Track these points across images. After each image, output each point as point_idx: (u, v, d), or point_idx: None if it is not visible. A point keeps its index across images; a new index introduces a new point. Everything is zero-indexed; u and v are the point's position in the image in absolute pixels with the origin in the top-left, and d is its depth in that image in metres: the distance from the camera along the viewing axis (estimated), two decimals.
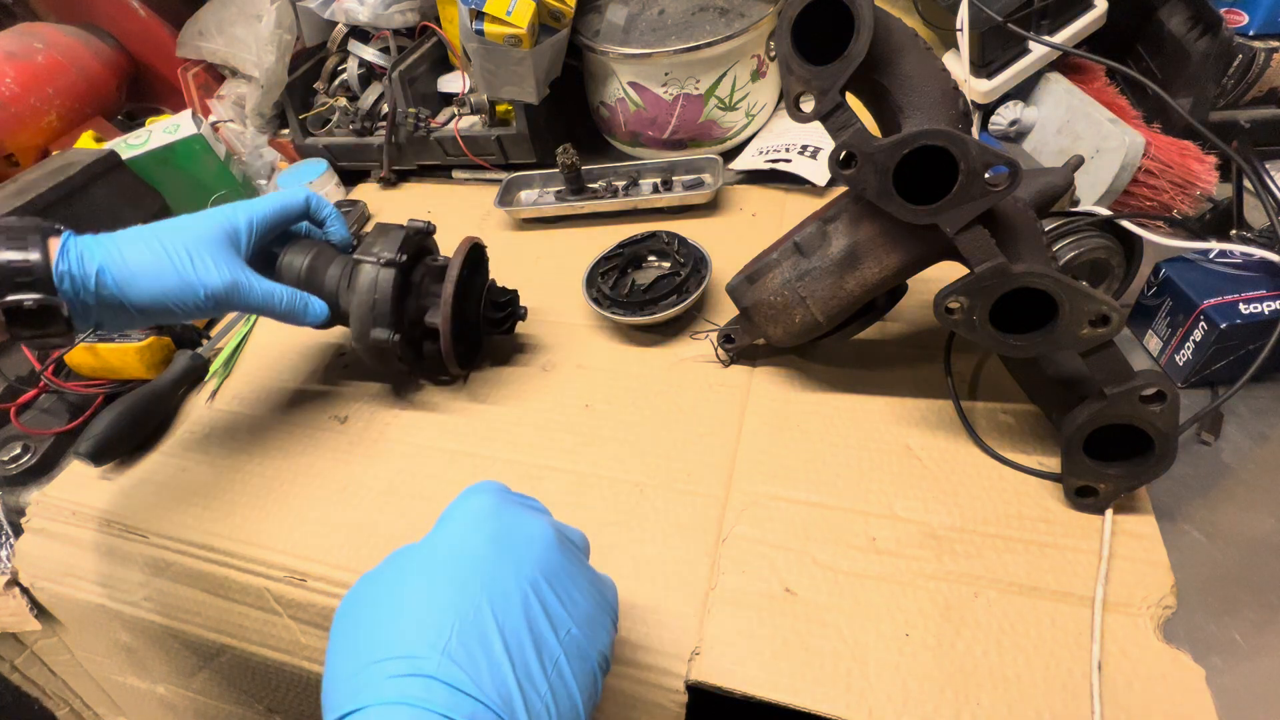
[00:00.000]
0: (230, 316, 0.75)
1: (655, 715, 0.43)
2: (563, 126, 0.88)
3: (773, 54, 0.80)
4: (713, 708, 0.42)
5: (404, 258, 0.55)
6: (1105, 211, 0.55)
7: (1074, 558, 0.44)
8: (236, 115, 0.95)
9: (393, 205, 0.89)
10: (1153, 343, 0.56)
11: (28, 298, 0.42)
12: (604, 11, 0.79)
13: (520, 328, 0.66)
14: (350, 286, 0.55)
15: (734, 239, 0.71)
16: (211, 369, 0.67)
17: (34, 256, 0.42)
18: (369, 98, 0.90)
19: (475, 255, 0.59)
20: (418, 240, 0.57)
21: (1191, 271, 0.54)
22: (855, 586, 0.44)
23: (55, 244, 0.44)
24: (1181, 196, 0.62)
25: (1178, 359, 0.53)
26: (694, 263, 0.64)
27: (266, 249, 0.55)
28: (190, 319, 0.53)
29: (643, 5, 0.78)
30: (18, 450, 0.62)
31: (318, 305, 0.55)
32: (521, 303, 0.63)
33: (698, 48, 0.73)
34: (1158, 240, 0.54)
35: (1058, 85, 0.69)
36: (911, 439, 0.52)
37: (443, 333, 0.56)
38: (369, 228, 0.85)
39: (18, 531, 0.59)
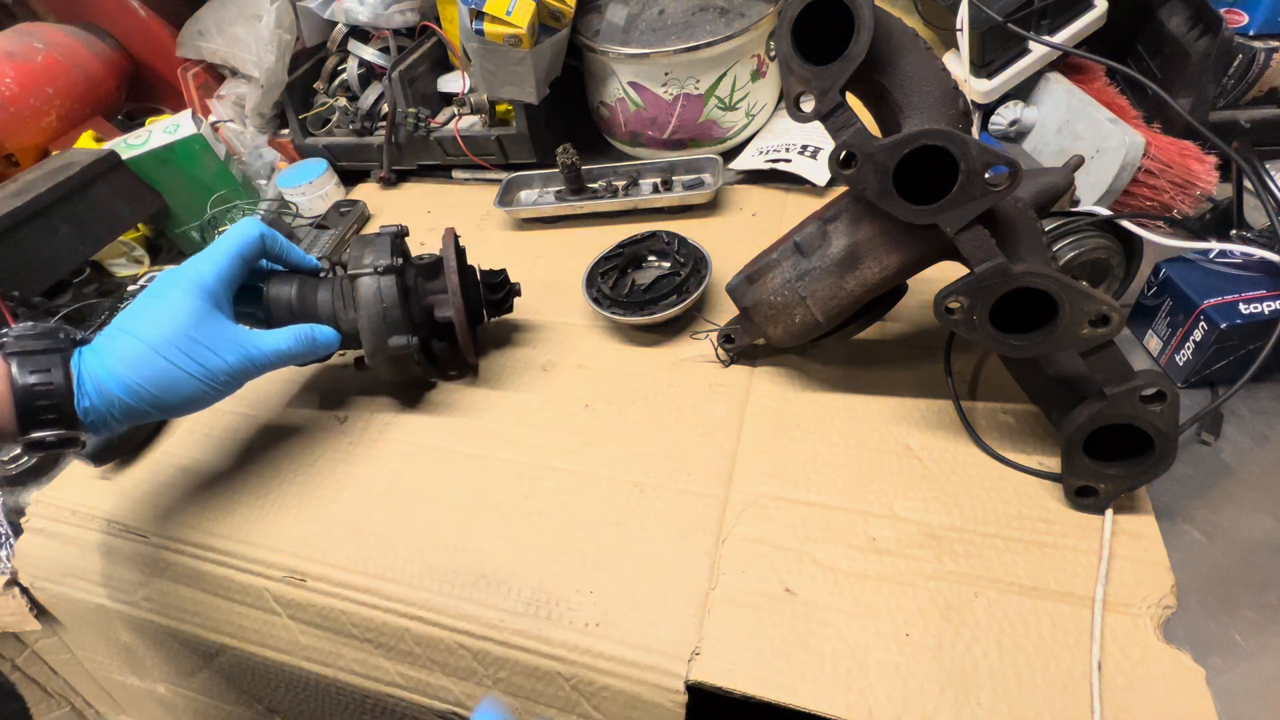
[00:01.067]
0: None
1: (655, 715, 0.43)
2: (563, 126, 0.88)
3: (773, 54, 0.80)
4: (713, 708, 0.42)
5: (400, 262, 0.55)
6: (1105, 211, 0.55)
7: (1074, 558, 0.44)
8: (236, 115, 0.95)
9: (393, 205, 0.89)
10: (1153, 343, 0.56)
11: (50, 434, 0.42)
12: (604, 11, 0.79)
13: (520, 327, 0.66)
14: (351, 303, 0.55)
15: (734, 239, 0.71)
16: None
17: (56, 380, 0.41)
18: (369, 98, 0.90)
19: (459, 245, 0.59)
20: (400, 245, 0.57)
21: (1191, 271, 0.54)
22: (855, 586, 0.44)
23: (71, 374, 0.43)
24: (1181, 196, 0.62)
25: (1178, 359, 0.53)
26: (694, 263, 0.64)
27: (244, 288, 0.53)
28: (224, 397, 0.51)
29: (643, 5, 0.78)
30: (18, 450, 0.62)
31: (325, 334, 0.53)
32: (521, 302, 0.63)
33: (698, 48, 0.73)
34: (1158, 240, 0.54)
35: (1058, 85, 0.69)
36: (911, 439, 0.52)
37: (458, 324, 0.56)
38: (369, 228, 0.85)
39: (18, 531, 0.59)
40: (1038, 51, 0.68)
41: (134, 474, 0.59)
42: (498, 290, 0.61)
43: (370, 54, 0.89)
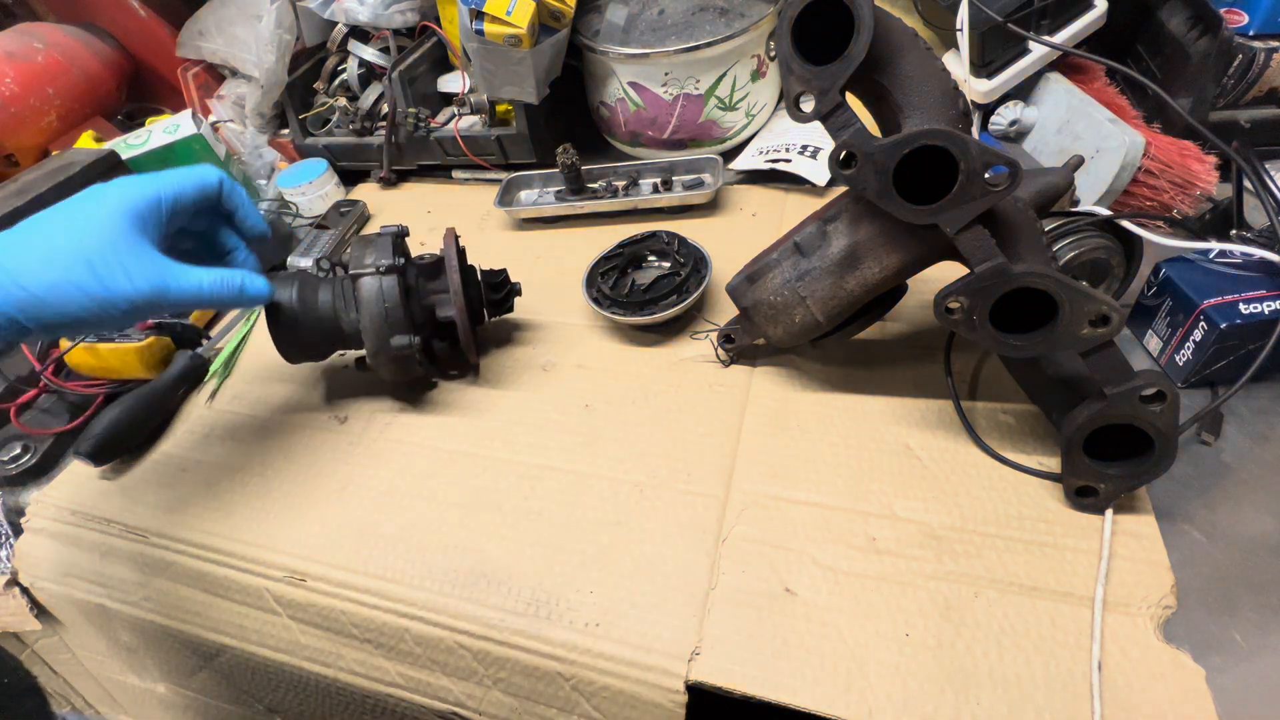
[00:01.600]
0: (230, 316, 0.75)
1: (655, 715, 0.43)
2: (563, 126, 0.88)
3: (773, 54, 0.80)
4: (713, 708, 0.42)
5: (401, 262, 0.55)
6: (1105, 211, 0.55)
7: (1074, 558, 0.44)
8: (236, 115, 0.95)
9: (393, 205, 0.89)
10: (1153, 343, 0.56)
11: None
12: (604, 11, 0.79)
13: (520, 327, 0.66)
14: (352, 303, 0.55)
15: (734, 239, 0.71)
16: (211, 369, 0.67)
17: None
18: (369, 98, 0.90)
19: (459, 244, 0.59)
20: (401, 245, 0.57)
21: (1191, 271, 0.54)
22: (855, 586, 0.44)
23: None
24: (1181, 196, 0.62)
25: (1178, 359, 0.53)
26: (694, 263, 0.64)
27: (185, 232, 0.48)
28: (118, 329, 0.47)
29: (643, 5, 0.78)
30: (18, 450, 0.62)
31: (255, 285, 0.47)
32: (521, 301, 0.63)
33: (698, 48, 0.73)
34: (1158, 240, 0.54)
35: (1058, 85, 0.69)
36: (911, 439, 0.52)
37: (460, 323, 0.56)
38: (370, 228, 0.85)
39: (18, 531, 0.59)
40: (1038, 51, 0.68)
41: (134, 474, 0.59)
42: (498, 290, 0.61)
43: (370, 54, 0.89)
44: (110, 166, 0.77)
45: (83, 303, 0.40)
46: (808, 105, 0.42)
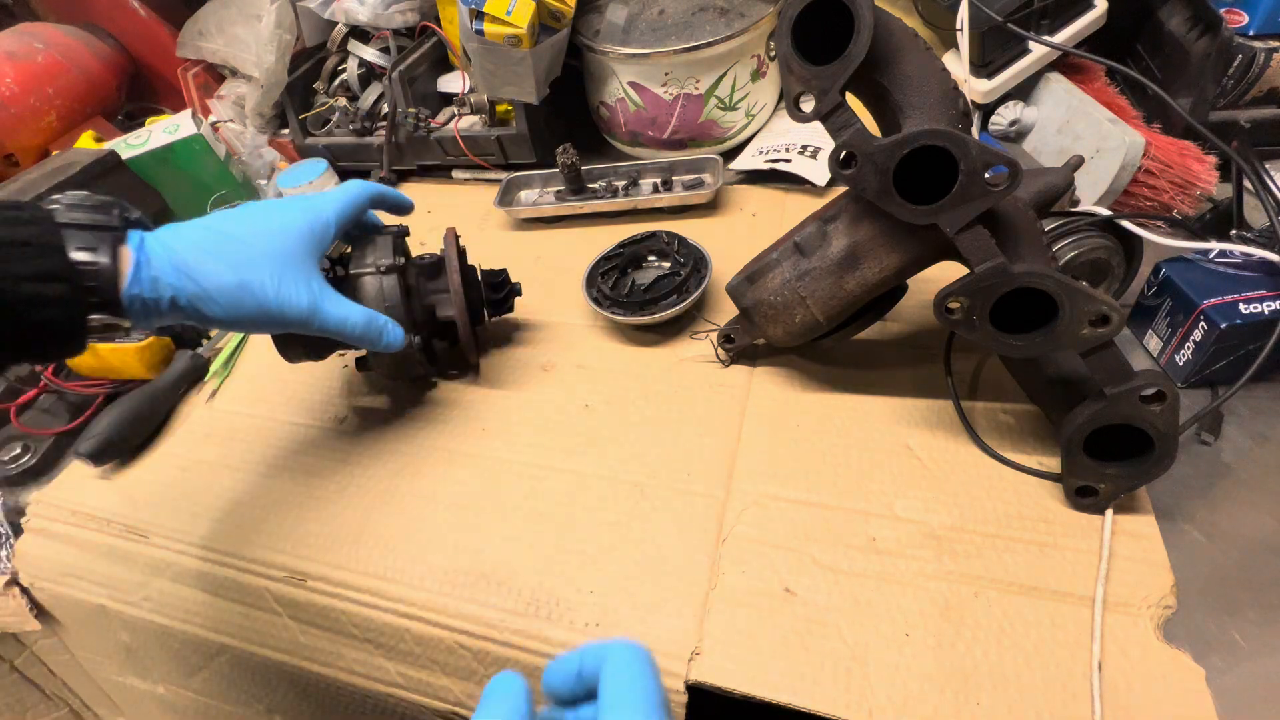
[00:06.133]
0: None
1: None
2: (563, 126, 0.88)
3: (773, 54, 0.80)
4: (713, 708, 0.42)
5: (402, 261, 0.55)
6: (1105, 211, 0.55)
7: (1074, 558, 0.44)
8: (236, 115, 0.95)
9: None
10: (1153, 343, 0.56)
11: (97, 318, 0.37)
12: (604, 11, 0.79)
13: (520, 327, 0.66)
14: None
15: (734, 239, 0.71)
16: (211, 369, 0.67)
17: (103, 260, 0.37)
18: (369, 98, 0.90)
19: (460, 244, 0.59)
20: (401, 245, 0.57)
21: (1191, 271, 0.54)
22: (855, 586, 0.44)
23: (126, 255, 0.38)
24: (1181, 196, 0.62)
25: (1178, 359, 0.53)
26: (694, 263, 0.64)
27: None
28: (259, 333, 0.49)
29: (643, 5, 0.78)
30: (18, 450, 0.62)
31: (394, 334, 0.50)
32: (521, 301, 0.63)
33: (698, 48, 0.73)
34: (1158, 240, 0.54)
35: (1058, 85, 0.69)
36: (911, 439, 0.52)
37: (460, 323, 0.56)
38: None
39: (18, 531, 0.59)
40: (1038, 51, 0.68)
41: (134, 474, 0.59)
42: (499, 290, 0.61)
43: (370, 54, 0.89)
44: (110, 166, 0.77)
45: (251, 309, 0.42)
46: (808, 105, 0.42)
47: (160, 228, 0.42)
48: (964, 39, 0.67)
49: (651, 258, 0.68)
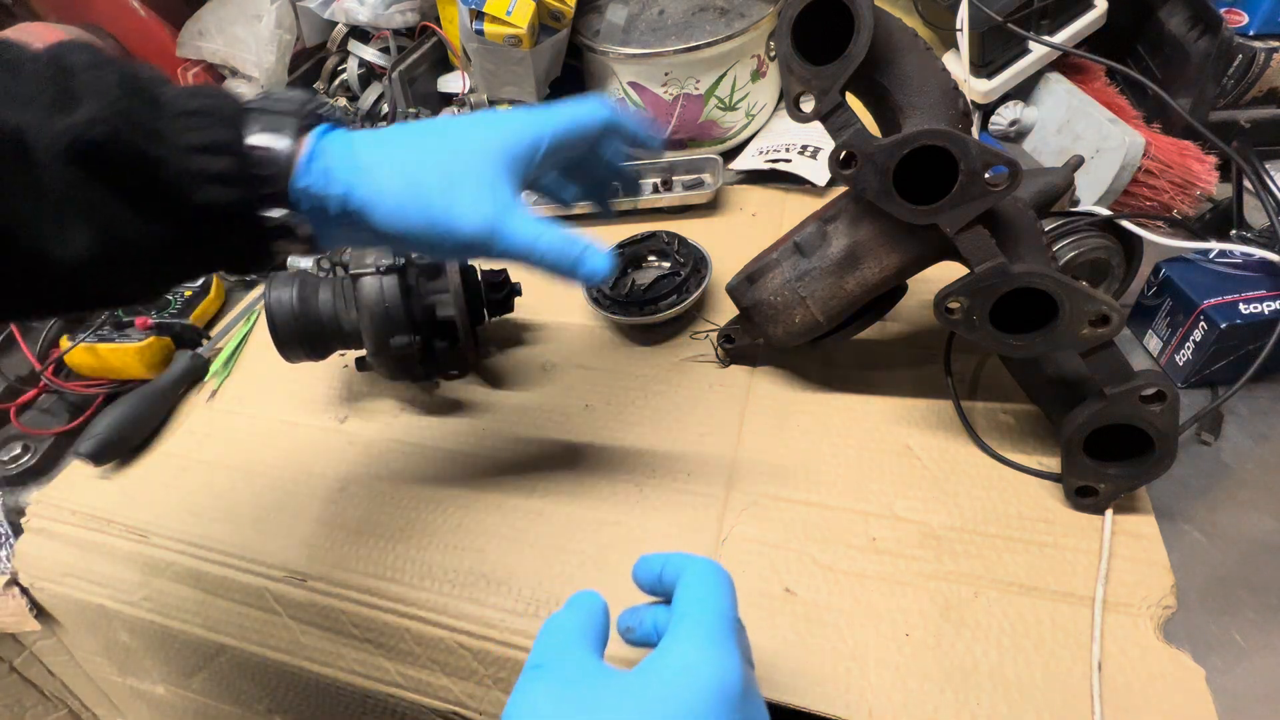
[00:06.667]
0: (231, 315, 0.75)
1: None
2: None
3: (773, 54, 0.80)
4: None
5: (402, 261, 0.55)
6: (1105, 211, 0.55)
7: (1074, 558, 0.44)
8: None
9: None
10: (1153, 343, 0.56)
11: (273, 215, 0.35)
12: (604, 11, 0.79)
13: (520, 327, 0.66)
14: (352, 303, 0.55)
15: (734, 239, 0.71)
16: (211, 369, 0.67)
17: (278, 146, 0.34)
18: (369, 98, 0.90)
19: None
20: None
21: (1191, 271, 0.54)
22: (855, 586, 0.44)
23: (303, 144, 0.35)
24: (1181, 196, 0.62)
25: (1178, 359, 0.53)
26: (694, 263, 0.64)
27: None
28: (448, 259, 0.46)
29: (643, 5, 0.78)
30: (18, 450, 0.62)
31: (597, 258, 0.39)
32: (521, 301, 0.63)
33: (698, 48, 0.73)
34: (1158, 240, 0.54)
35: (1058, 85, 0.69)
36: (911, 439, 0.52)
37: (460, 323, 0.56)
38: None
39: (18, 531, 0.59)
40: (1038, 51, 0.68)
41: (134, 474, 0.59)
42: (498, 289, 0.61)
43: (370, 54, 0.89)
44: None
45: (417, 221, 0.37)
46: (808, 105, 0.42)
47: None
48: (964, 39, 0.67)
49: (651, 258, 0.68)
